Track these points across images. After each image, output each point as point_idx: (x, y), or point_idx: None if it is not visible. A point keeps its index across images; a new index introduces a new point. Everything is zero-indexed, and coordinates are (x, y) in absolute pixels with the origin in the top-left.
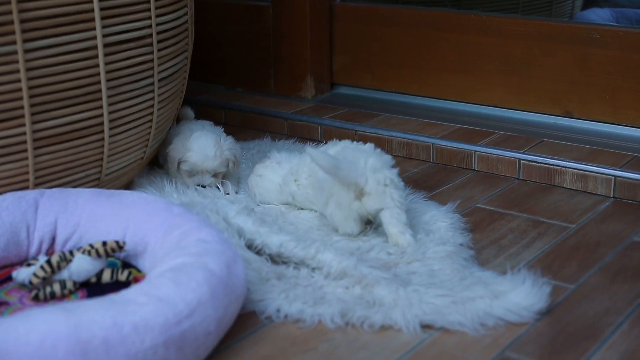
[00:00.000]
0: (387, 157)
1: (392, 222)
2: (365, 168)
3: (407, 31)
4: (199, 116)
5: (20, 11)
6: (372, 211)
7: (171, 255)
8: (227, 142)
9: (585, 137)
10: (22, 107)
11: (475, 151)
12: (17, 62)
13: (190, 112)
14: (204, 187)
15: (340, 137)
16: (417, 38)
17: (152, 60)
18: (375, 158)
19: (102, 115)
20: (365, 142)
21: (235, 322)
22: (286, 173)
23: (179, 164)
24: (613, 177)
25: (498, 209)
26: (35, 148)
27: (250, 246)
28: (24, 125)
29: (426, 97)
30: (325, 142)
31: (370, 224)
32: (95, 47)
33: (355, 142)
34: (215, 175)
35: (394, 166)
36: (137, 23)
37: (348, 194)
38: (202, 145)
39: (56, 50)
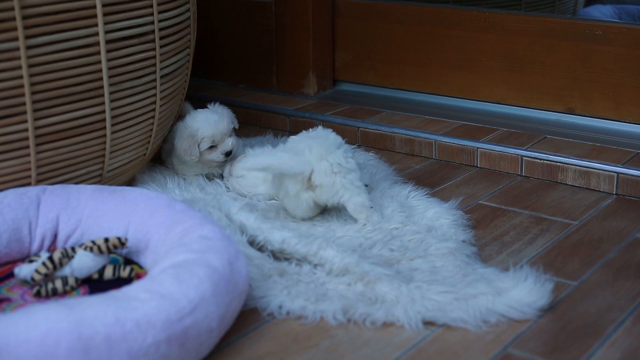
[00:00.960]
0: (332, 140)
1: (356, 211)
2: (311, 157)
3: (410, 28)
4: None
5: (23, 7)
6: (326, 202)
7: (173, 252)
8: (215, 105)
9: (588, 134)
10: (24, 104)
11: (478, 148)
12: (19, 58)
13: (190, 107)
14: (229, 154)
15: (343, 134)
16: (420, 34)
17: (154, 57)
18: (318, 144)
19: (104, 111)
20: (367, 139)
21: (237, 319)
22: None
23: (198, 146)
24: (616, 174)
25: (501, 205)
26: (38, 144)
27: (252, 243)
28: (26, 121)
29: (429, 93)
30: None
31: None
32: (97, 44)
33: (320, 129)
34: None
35: (342, 144)
36: (140, 19)
37: (295, 185)
38: (201, 117)
39: (58, 46)
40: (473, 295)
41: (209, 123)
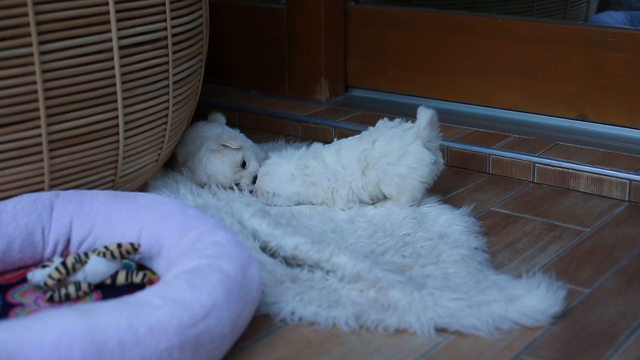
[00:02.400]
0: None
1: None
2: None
3: (421, 34)
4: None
5: (36, 13)
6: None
7: (186, 258)
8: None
9: (600, 141)
10: (37, 109)
11: (490, 154)
12: (32, 64)
13: (221, 117)
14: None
15: None
16: (432, 41)
17: (167, 63)
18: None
19: (117, 117)
20: None
21: (249, 325)
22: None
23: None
24: (628, 181)
25: (513, 212)
26: (51, 150)
27: (264, 248)
28: (39, 127)
29: (440, 100)
30: None
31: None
32: (110, 50)
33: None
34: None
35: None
36: (153, 25)
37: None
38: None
39: (72, 52)
40: (485, 302)
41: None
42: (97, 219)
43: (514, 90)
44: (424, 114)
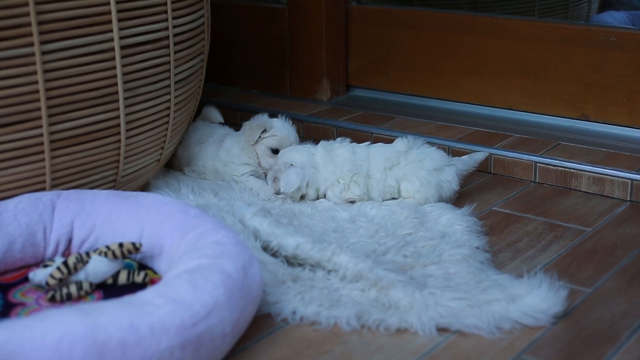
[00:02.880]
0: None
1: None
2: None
3: (423, 34)
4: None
5: (38, 13)
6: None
7: (187, 257)
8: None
9: (602, 140)
10: (39, 109)
11: (492, 154)
12: (34, 64)
13: (216, 114)
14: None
15: (357, 140)
16: (433, 40)
17: (168, 63)
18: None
19: (118, 117)
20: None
21: (251, 324)
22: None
23: (261, 136)
24: (630, 181)
25: (514, 212)
26: (52, 150)
27: (266, 248)
28: (41, 126)
29: (442, 99)
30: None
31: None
32: (112, 49)
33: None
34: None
35: None
36: (154, 25)
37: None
38: (280, 121)
39: (73, 52)
40: (487, 301)
41: (284, 126)
42: (99, 219)
43: (515, 90)
44: (481, 156)
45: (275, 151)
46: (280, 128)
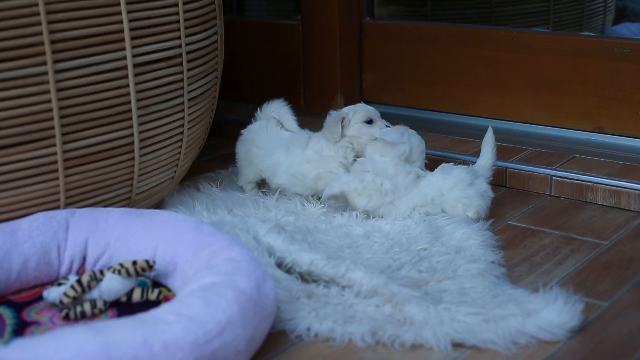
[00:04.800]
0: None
1: None
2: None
3: (437, 48)
4: (232, 135)
5: (51, 32)
6: None
7: (201, 274)
8: None
9: (618, 153)
10: (52, 127)
11: (507, 168)
12: (47, 82)
13: (288, 116)
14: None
15: None
16: (447, 55)
17: (182, 80)
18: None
19: (132, 135)
20: None
21: (265, 341)
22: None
23: (343, 126)
24: None
25: (530, 226)
26: (66, 168)
27: (280, 264)
28: (54, 145)
29: (457, 114)
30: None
31: None
32: (125, 67)
33: None
34: None
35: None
36: (167, 43)
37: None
38: (354, 105)
39: (86, 70)
40: (502, 316)
41: (356, 105)
42: (113, 237)
43: (530, 103)
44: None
45: (369, 121)
46: (357, 105)
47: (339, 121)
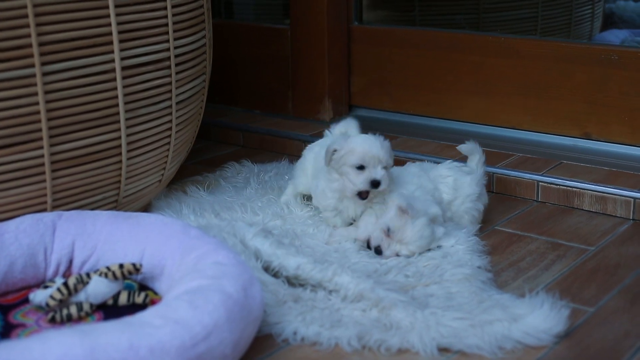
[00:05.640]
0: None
1: None
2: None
3: (425, 53)
4: (220, 138)
5: (39, 34)
6: None
7: (188, 278)
8: (377, 135)
9: (604, 159)
10: (40, 130)
11: (494, 173)
12: (35, 84)
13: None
14: (376, 185)
15: None
16: (435, 60)
17: (170, 83)
18: None
19: (120, 137)
20: None
21: (251, 345)
22: None
23: (332, 158)
24: (632, 199)
25: (517, 231)
26: (54, 170)
27: (267, 268)
28: (42, 147)
29: (444, 119)
30: None
31: None
32: (113, 70)
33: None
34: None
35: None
36: (156, 46)
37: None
38: (359, 137)
39: (74, 73)
40: (489, 321)
41: (363, 140)
42: (100, 240)
43: (517, 109)
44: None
45: (361, 167)
46: (357, 142)
47: (330, 152)
